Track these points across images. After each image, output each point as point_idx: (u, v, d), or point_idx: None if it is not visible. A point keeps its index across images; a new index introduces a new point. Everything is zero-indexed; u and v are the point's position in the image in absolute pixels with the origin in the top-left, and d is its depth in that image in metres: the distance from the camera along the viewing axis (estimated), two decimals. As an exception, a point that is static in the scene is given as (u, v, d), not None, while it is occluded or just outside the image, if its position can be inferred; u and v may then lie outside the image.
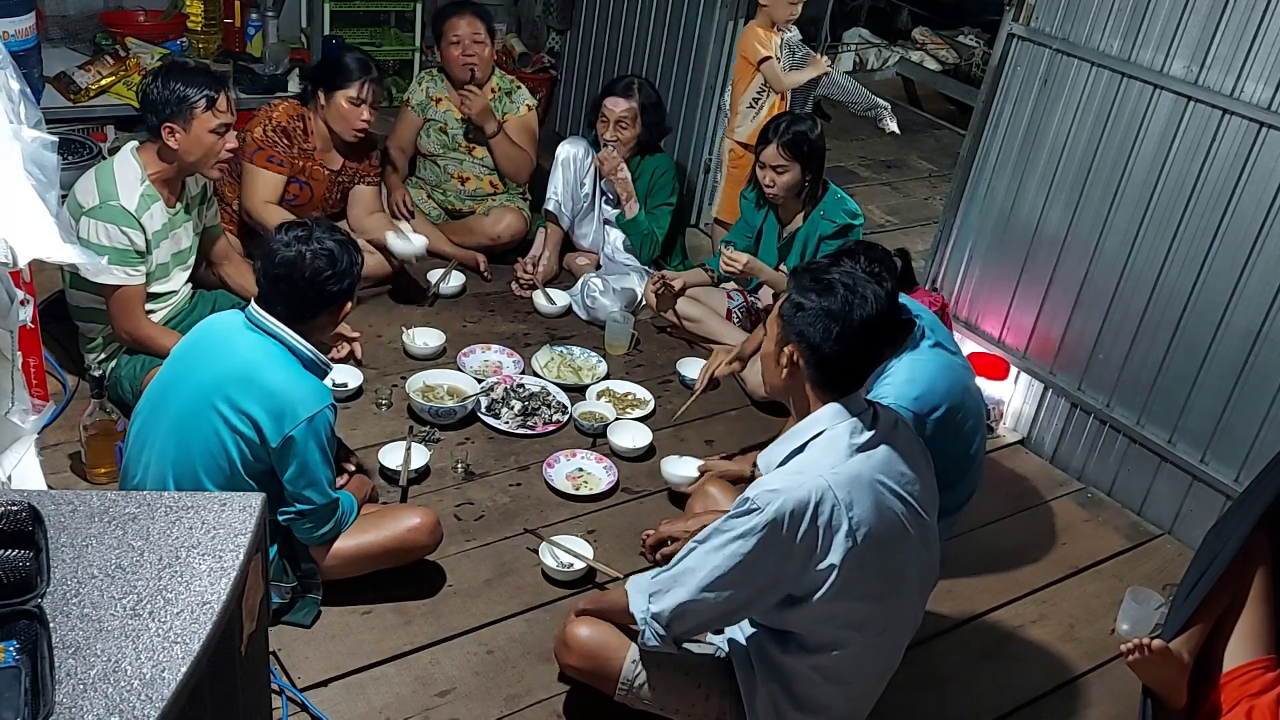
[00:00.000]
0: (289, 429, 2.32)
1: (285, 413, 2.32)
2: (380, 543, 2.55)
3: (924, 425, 2.49)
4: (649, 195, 4.06)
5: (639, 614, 2.08)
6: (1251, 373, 3.05)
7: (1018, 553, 3.16)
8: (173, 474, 2.37)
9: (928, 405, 2.51)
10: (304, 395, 2.34)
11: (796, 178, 3.54)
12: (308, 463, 2.36)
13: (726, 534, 1.96)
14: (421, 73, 4.31)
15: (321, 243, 2.36)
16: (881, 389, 2.52)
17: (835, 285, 1.98)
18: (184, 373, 2.41)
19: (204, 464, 2.35)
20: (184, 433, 2.35)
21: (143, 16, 4.68)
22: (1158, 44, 3.14)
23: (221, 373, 2.35)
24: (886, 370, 2.56)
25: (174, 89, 2.88)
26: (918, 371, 2.54)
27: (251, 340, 2.37)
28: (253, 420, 2.32)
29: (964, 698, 2.67)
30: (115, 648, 1.43)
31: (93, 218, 2.85)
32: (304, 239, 2.36)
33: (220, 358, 2.38)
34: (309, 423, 2.33)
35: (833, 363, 1.99)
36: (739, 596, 1.99)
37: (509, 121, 4.12)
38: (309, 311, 2.40)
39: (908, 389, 2.50)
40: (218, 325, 2.46)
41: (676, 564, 2.04)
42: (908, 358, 2.55)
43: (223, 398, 2.33)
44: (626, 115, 3.91)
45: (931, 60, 7.20)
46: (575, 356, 3.70)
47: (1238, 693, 2.21)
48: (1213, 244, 3.09)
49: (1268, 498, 2.27)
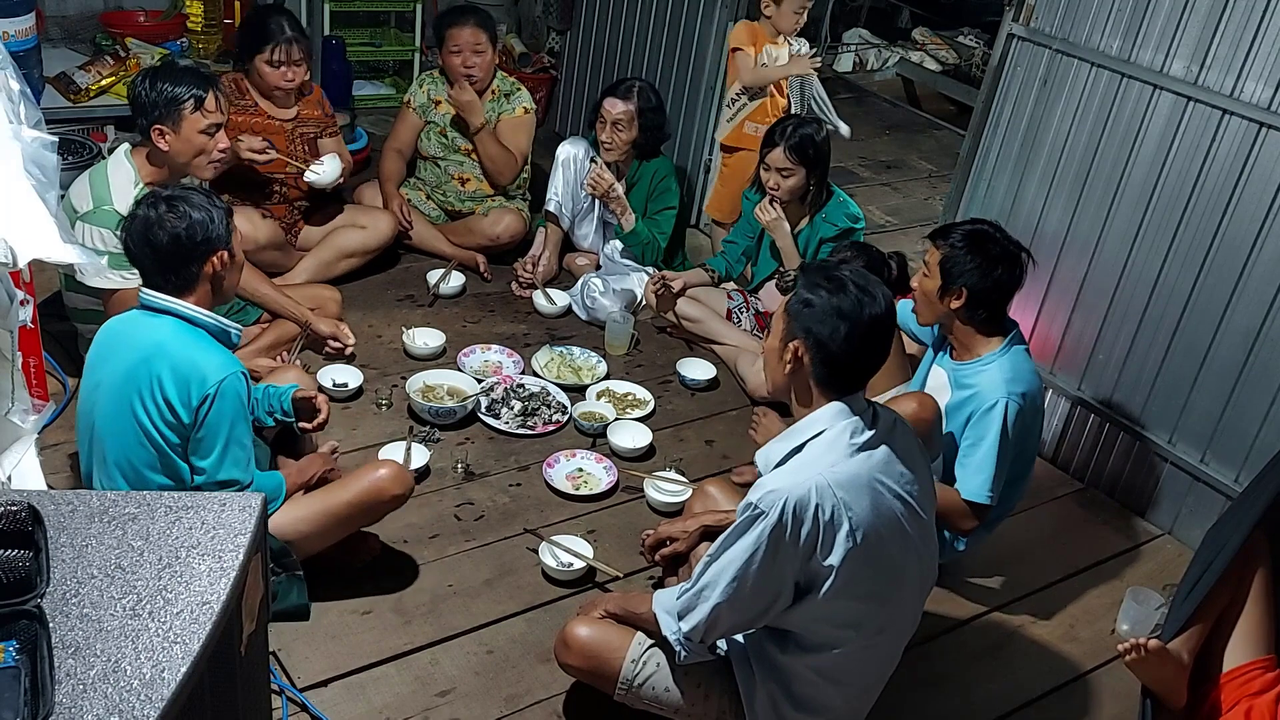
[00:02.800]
0: (197, 400, 2.24)
1: (192, 383, 2.23)
2: (347, 500, 2.48)
3: (1025, 418, 2.65)
4: (650, 200, 4.05)
5: (671, 635, 2.10)
6: (1251, 373, 3.05)
7: (1018, 553, 3.15)
8: (120, 475, 2.30)
9: (1030, 399, 2.68)
10: (209, 364, 2.26)
11: (801, 181, 3.54)
12: (220, 437, 2.27)
13: (739, 543, 1.97)
14: (423, 74, 4.30)
15: (172, 203, 2.28)
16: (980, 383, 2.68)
17: (846, 283, 1.99)
18: (99, 378, 2.33)
19: (143, 458, 2.29)
20: (114, 435, 2.28)
21: (143, 16, 4.68)
22: (1158, 44, 3.14)
23: (129, 364, 2.27)
24: (983, 364, 2.70)
25: (162, 90, 2.87)
26: (1020, 369, 2.68)
27: (151, 323, 2.29)
28: (167, 401, 2.24)
29: (964, 698, 2.67)
30: (115, 648, 1.43)
31: (87, 222, 2.84)
32: (153, 203, 2.29)
33: (126, 351, 2.29)
34: (217, 393, 2.24)
35: (839, 361, 2.00)
36: (761, 600, 2.00)
37: (503, 120, 4.12)
38: (184, 275, 2.30)
39: (1013, 385, 2.65)
40: (115, 323, 2.38)
41: (696, 581, 2.05)
42: (1008, 358, 2.69)
43: (135, 388, 2.25)
44: (623, 117, 3.90)
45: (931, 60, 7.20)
46: (575, 356, 3.70)
47: (1237, 692, 2.22)
48: (1213, 244, 3.08)
49: (1267, 498, 2.28)
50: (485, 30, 4.02)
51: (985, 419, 2.64)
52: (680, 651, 2.10)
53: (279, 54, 3.59)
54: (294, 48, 3.62)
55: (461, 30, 4.00)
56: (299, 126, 3.79)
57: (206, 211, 2.30)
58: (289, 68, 3.62)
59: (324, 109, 3.90)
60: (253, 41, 3.62)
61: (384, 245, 4.00)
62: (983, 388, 2.67)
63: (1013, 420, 2.63)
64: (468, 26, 4.00)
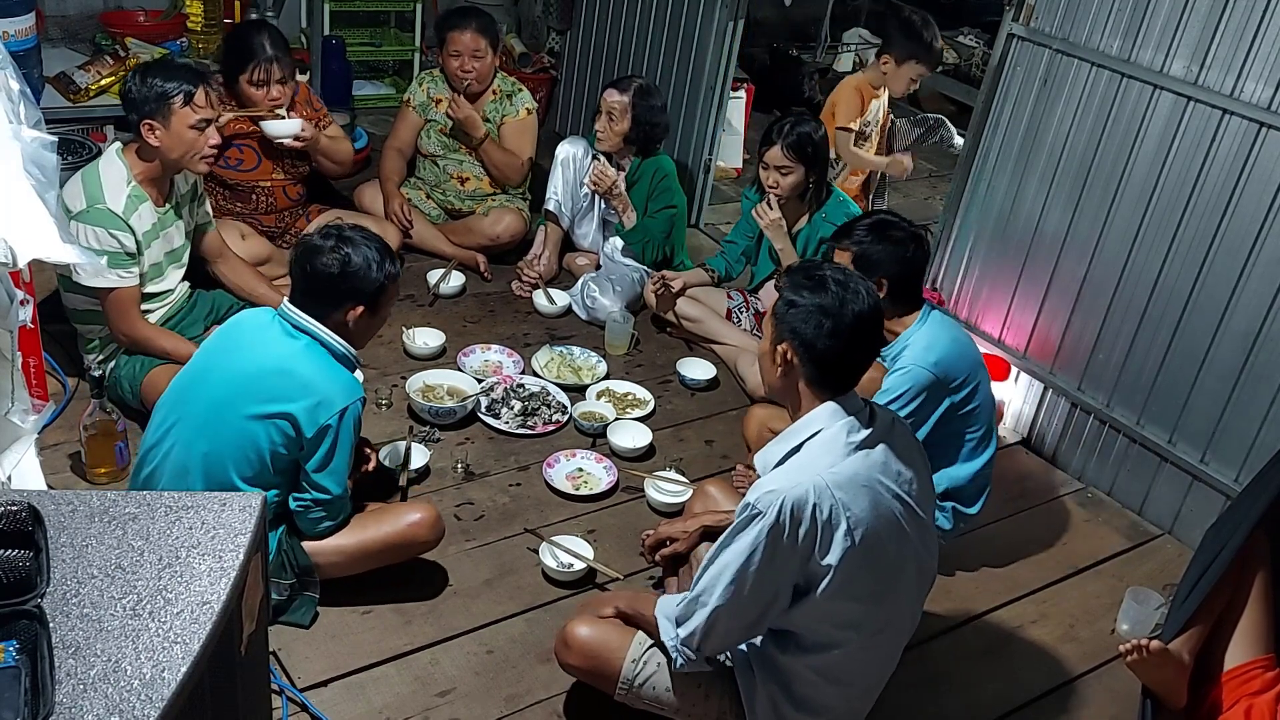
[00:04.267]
0: (324, 419, 2.37)
1: (321, 404, 2.37)
2: (381, 538, 2.56)
3: (940, 389, 2.66)
4: (650, 199, 4.05)
5: (669, 642, 2.10)
6: (1251, 373, 3.05)
7: (1018, 553, 3.16)
8: (202, 466, 2.39)
9: (946, 371, 2.68)
10: (338, 387, 2.40)
11: (800, 179, 3.54)
12: (334, 453, 2.41)
13: (736, 544, 1.97)
14: (422, 73, 4.30)
15: (349, 241, 2.42)
16: (900, 358, 2.68)
17: (827, 281, 2.00)
18: (215, 366, 2.45)
19: (234, 457, 2.38)
20: (215, 426, 2.38)
21: (143, 16, 4.68)
22: (1158, 44, 3.14)
23: (255, 367, 2.40)
24: (904, 341, 2.71)
25: (152, 85, 2.87)
26: (937, 337, 2.70)
27: (283, 335, 2.42)
28: (288, 413, 2.36)
29: (964, 698, 2.67)
30: (115, 648, 1.43)
31: (81, 222, 2.83)
32: (332, 233, 2.44)
33: (253, 352, 2.42)
34: (342, 414, 2.39)
35: (827, 359, 2.00)
36: (759, 602, 2.00)
37: (506, 124, 4.12)
38: (322, 305, 2.43)
39: (926, 354, 2.66)
40: (249, 320, 2.51)
41: (695, 586, 2.05)
42: (925, 329, 2.71)
43: (257, 392, 2.37)
44: (616, 107, 3.90)
45: (931, 60, 7.19)
46: (575, 356, 3.70)
47: (1237, 692, 2.22)
48: (1213, 244, 3.08)
49: (1267, 498, 2.27)
50: (485, 35, 4.01)
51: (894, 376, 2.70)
52: (677, 658, 2.10)
53: (259, 73, 3.54)
54: (275, 66, 3.55)
55: (462, 35, 3.99)
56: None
57: (368, 268, 2.42)
58: (271, 86, 3.57)
59: (314, 105, 3.86)
60: (234, 61, 3.57)
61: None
62: (903, 360, 2.72)
63: (919, 386, 2.65)
64: (468, 31, 3.99)
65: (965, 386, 2.74)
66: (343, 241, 2.42)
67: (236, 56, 3.57)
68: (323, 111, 3.90)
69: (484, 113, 4.10)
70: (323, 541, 2.52)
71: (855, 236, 2.71)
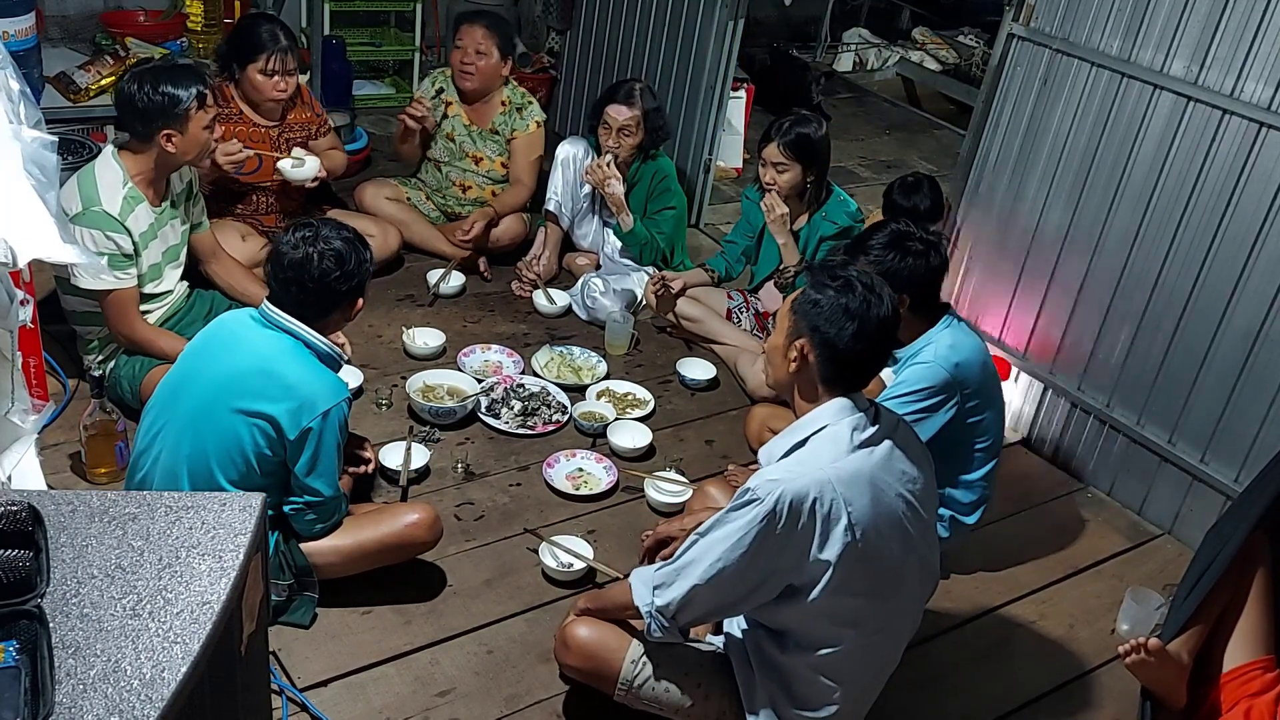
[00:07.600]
0: (307, 422, 2.35)
1: (304, 406, 2.35)
2: (378, 539, 2.55)
3: (955, 391, 2.63)
4: (650, 200, 4.04)
5: (643, 606, 2.08)
6: (1251, 373, 3.05)
7: (1018, 553, 3.16)
8: (187, 468, 2.38)
9: (964, 376, 2.64)
10: (322, 389, 2.38)
11: (798, 177, 3.54)
12: (320, 455, 2.40)
13: (728, 524, 1.97)
14: (435, 71, 4.28)
15: (329, 242, 2.38)
16: (921, 353, 2.64)
17: (854, 283, 2.00)
18: (199, 368, 2.43)
19: (218, 458, 2.37)
20: (199, 427, 2.37)
21: (143, 16, 4.68)
22: (1158, 44, 3.14)
23: (238, 367, 2.38)
24: (928, 339, 2.67)
25: (164, 95, 2.84)
26: (961, 341, 2.66)
27: (266, 335, 2.40)
28: (270, 414, 2.34)
29: (964, 698, 2.67)
30: (115, 648, 1.43)
31: (77, 224, 2.82)
32: (310, 239, 2.37)
33: (236, 352, 2.40)
34: (325, 416, 2.37)
35: (846, 360, 2.01)
36: (741, 586, 2.00)
37: (516, 139, 4.11)
38: (320, 311, 2.43)
39: (950, 354, 2.62)
40: (231, 322, 2.49)
41: (680, 556, 2.05)
42: (949, 330, 2.67)
43: (240, 392, 2.35)
44: (630, 123, 3.88)
45: (931, 60, 7.21)
46: (575, 356, 3.70)
47: (1237, 692, 2.21)
48: (1213, 244, 3.08)
49: (1267, 498, 2.27)
50: (495, 36, 4.00)
51: (914, 368, 2.64)
52: (650, 624, 2.07)
53: (274, 64, 3.54)
54: (288, 57, 3.57)
55: (473, 29, 4.00)
56: (285, 133, 3.74)
57: (360, 263, 2.42)
58: (283, 77, 3.58)
59: (314, 108, 3.87)
60: (245, 50, 3.56)
61: (390, 258, 3.98)
62: (924, 355, 2.66)
63: (937, 383, 2.61)
64: (479, 26, 4.00)
65: (978, 395, 2.71)
66: (319, 240, 2.37)
67: (249, 46, 3.56)
68: (324, 117, 3.91)
69: (493, 125, 4.10)
70: (320, 542, 2.52)
71: (874, 254, 2.57)
